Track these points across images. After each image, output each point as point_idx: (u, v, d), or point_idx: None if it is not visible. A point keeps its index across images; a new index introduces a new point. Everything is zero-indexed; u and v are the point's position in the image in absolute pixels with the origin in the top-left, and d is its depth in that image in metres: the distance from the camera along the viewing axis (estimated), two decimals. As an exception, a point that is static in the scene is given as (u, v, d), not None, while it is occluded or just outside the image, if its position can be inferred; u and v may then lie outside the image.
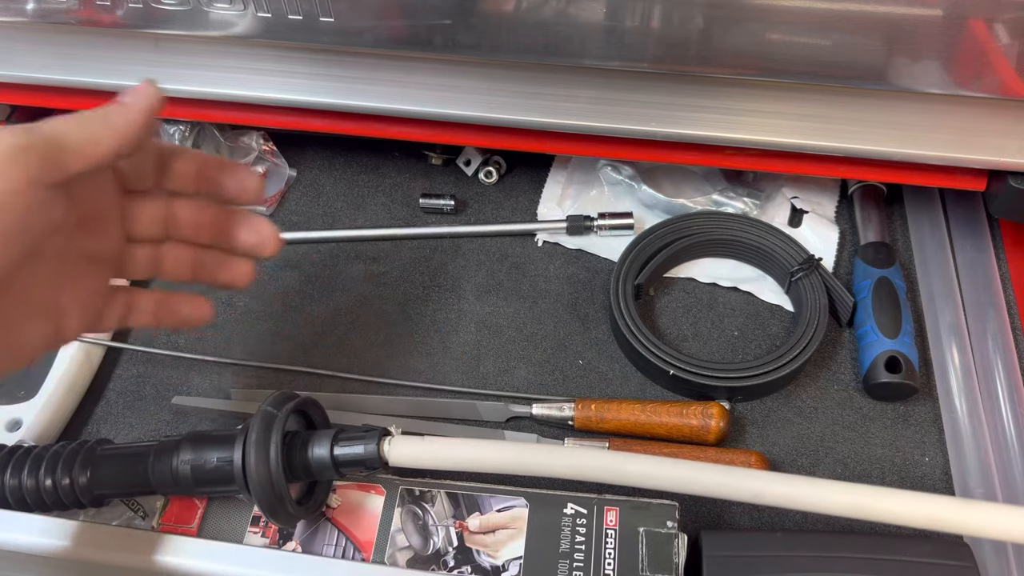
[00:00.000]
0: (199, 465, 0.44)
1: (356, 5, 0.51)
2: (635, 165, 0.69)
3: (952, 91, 0.50)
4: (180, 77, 0.61)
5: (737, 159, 0.60)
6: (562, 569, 0.47)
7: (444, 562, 0.48)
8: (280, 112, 0.63)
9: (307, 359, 0.62)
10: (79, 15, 0.55)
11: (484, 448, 0.44)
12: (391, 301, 0.65)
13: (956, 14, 0.45)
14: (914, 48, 0.47)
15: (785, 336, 0.61)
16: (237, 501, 0.50)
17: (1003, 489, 0.52)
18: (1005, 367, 0.58)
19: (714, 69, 0.51)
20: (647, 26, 0.49)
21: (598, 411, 0.55)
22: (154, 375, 0.62)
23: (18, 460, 0.46)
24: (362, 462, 0.44)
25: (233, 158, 0.70)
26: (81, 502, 0.46)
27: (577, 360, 0.61)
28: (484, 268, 0.67)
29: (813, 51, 0.49)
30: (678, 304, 0.64)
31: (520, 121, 0.58)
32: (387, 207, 0.71)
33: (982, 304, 0.61)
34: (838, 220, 0.68)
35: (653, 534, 0.47)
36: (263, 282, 0.67)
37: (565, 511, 0.49)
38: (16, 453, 0.47)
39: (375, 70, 0.57)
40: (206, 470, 0.44)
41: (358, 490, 0.51)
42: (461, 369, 0.61)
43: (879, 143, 0.55)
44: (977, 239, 0.65)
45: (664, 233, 0.64)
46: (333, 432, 0.46)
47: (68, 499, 0.45)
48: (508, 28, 0.51)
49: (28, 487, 0.45)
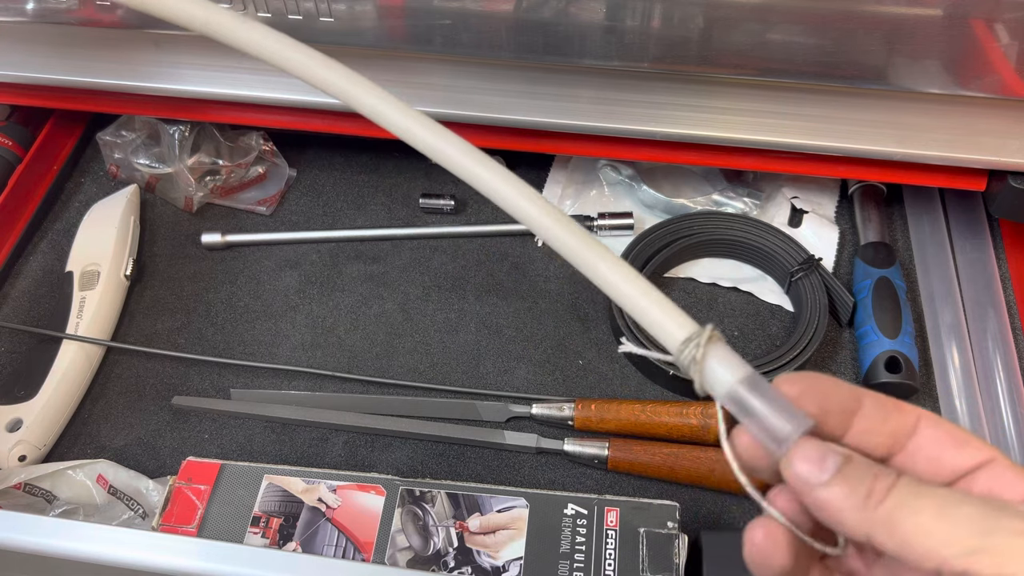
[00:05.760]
0: None
1: (356, 6, 0.51)
2: (635, 165, 0.69)
3: (952, 91, 0.50)
4: (180, 77, 0.61)
5: (737, 159, 0.60)
6: (562, 570, 0.47)
7: (444, 563, 0.48)
8: (280, 112, 0.63)
9: (307, 359, 0.62)
10: (79, 15, 0.55)
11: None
12: (391, 301, 0.65)
13: (956, 14, 0.45)
14: (914, 48, 0.47)
15: (785, 336, 0.61)
16: (237, 501, 0.50)
17: (1003, 489, 0.52)
18: (1005, 367, 0.58)
19: (714, 69, 0.52)
20: (647, 26, 0.49)
21: (598, 411, 0.55)
22: (154, 375, 0.61)
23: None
24: None
25: (233, 158, 0.70)
26: None
27: (577, 360, 0.61)
28: (484, 268, 0.67)
29: (813, 51, 0.49)
30: (678, 304, 0.64)
31: (520, 121, 0.58)
32: (387, 207, 0.71)
33: (982, 304, 0.61)
34: (838, 220, 0.68)
35: (653, 534, 0.47)
36: (263, 282, 0.67)
37: (565, 512, 0.49)
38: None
39: (375, 70, 0.57)
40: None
41: (358, 490, 0.51)
42: (461, 369, 0.61)
43: (879, 143, 0.55)
44: (977, 239, 0.65)
45: (664, 233, 0.64)
46: None
47: None
48: (508, 28, 0.51)
49: None
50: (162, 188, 0.71)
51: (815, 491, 0.25)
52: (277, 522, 0.50)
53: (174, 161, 0.68)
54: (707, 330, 0.27)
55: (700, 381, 0.27)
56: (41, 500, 0.54)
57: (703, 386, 0.27)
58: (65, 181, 0.74)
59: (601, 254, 0.29)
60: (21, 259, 0.69)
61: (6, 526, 0.44)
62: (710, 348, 0.27)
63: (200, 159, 0.69)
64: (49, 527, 0.45)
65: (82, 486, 0.54)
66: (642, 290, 0.29)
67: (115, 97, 0.65)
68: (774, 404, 0.26)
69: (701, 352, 0.27)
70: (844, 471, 0.25)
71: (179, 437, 0.58)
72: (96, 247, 0.65)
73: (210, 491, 0.51)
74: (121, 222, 0.66)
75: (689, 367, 0.27)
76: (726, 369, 0.27)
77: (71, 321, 0.60)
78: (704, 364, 0.27)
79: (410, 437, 0.57)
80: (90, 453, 0.58)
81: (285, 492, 0.51)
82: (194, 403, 0.59)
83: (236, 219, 0.71)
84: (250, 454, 0.57)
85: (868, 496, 0.24)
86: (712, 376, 0.27)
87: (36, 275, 0.68)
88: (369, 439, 0.58)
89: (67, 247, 0.66)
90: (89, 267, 0.63)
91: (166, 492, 0.51)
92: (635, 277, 0.29)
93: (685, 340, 0.27)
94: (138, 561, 0.44)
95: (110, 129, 0.70)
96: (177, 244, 0.69)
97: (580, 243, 0.29)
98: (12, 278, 0.67)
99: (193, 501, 0.50)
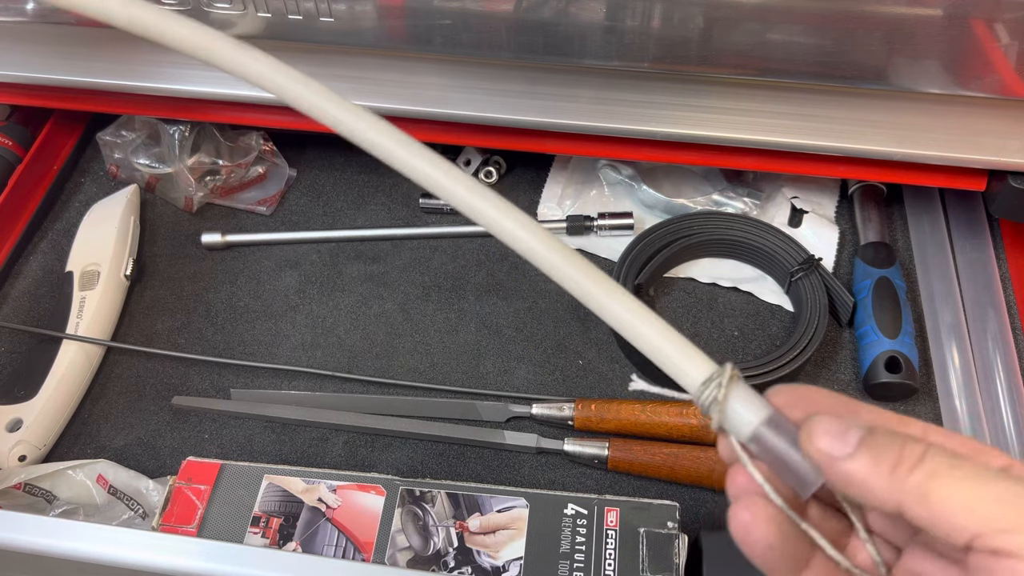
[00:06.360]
0: None
1: (356, 6, 0.51)
2: (635, 165, 0.69)
3: (952, 91, 0.50)
4: (180, 77, 0.61)
5: (737, 159, 0.60)
6: (562, 570, 0.47)
7: (444, 563, 0.48)
8: (280, 112, 0.63)
9: (307, 359, 0.62)
10: (79, 15, 0.55)
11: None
12: (391, 301, 0.65)
13: (956, 14, 0.45)
14: (914, 48, 0.47)
15: (785, 336, 0.61)
16: (237, 501, 0.50)
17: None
18: (1005, 367, 0.58)
19: (714, 69, 0.52)
20: (647, 26, 0.49)
21: (598, 411, 0.55)
22: (154, 375, 0.61)
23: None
24: None
25: (233, 158, 0.70)
26: None
27: (577, 360, 0.61)
28: (484, 268, 0.67)
29: (813, 51, 0.49)
30: (678, 304, 0.64)
31: (520, 121, 0.58)
32: (387, 207, 0.71)
33: (982, 304, 0.61)
34: (838, 220, 0.68)
35: (653, 534, 0.47)
36: (263, 282, 0.67)
37: (565, 512, 0.49)
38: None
39: (375, 70, 0.57)
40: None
41: (358, 490, 0.51)
42: (461, 369, 0.61)
43: (879, 143, 0.55)
44: (977, 239, 0.65)
45: (664, 233, 0.64)
46: None
47: None
48: (508, 28, 0.51)
49: None
50: (162, 188, 0.71)
51: (840, 464, 0.24)
52: (277, 522, 0.50)
53: (174, 161, 0.68)
54: (727, 370, 0.26)
55: (720, 422, 0.26)
56: (41, 500, 0.54)
57: (722, 426, 0.26)
58: (65, 181, 0.74)
59: (611, 290, 0.28)
60: (21, 259, 0.69)
61: (6, 526, 0.44)
62: (731, 388, 0.26)
63: (200, 159, 0.69)
64: (49, 527, 0.45)
65: (82, 486, 0.54)
66: (658, 330, 0.28)
67: (115, 97, 0.65)
68: (798, 445, 0.25)
69: (723, 393, 0.26)
70: (868, 442, 0.24)
71: (179, 437, 0.58)
72: (96, 247, 0.65)
73: (210, 491, 0.51)
74: (121, 222, 0.66)
75: (710, 408, 0.26)
76: (748, 411, 0.26)
77: (71, 321, 0.60)
78: (726, 405, 0.26)
79: (410, 437, 0.57)
80: (90, 453, 0.58)
81: (285, 492, 0.51)
82: (194, 403, 0.59)
83: (236, 219, 0.71)
84: (250, 454, 0.57)
85: (897, 465, 0.23)
86: (735, 418, 0.26)
87: (36, 275, 0.68)
88: (369, 439, 0.58)
89: (67, 247, 0.66)
90: (89, 267, 0.63)
91: (166, 492, 0.51)
92: (649, 315, 0.28)
93: (705, 381, 0.26)
94: (138, 561, 0.44)
95: (110, 129, 0.70)
96: (177, 244, 0.69)
97: (589, 280, 0.28)
98: (12, 278, 0.67)
99: (193, 501, 0.50)
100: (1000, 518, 0.22)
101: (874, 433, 0.24)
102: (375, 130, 0.30)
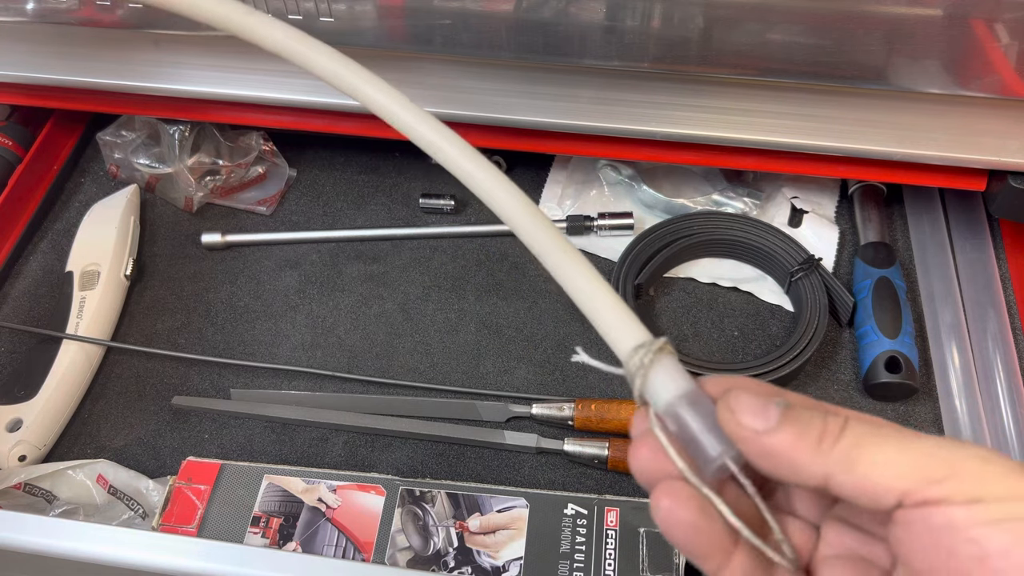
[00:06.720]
0: None
1: (356, 6, 0.51)
2: (635, 165, 0.69)
3: (952, 91, 0.50)
4: (180, 77, 0.61)
5: (737, 159, 0.60)
6: (562, 570, 0.47)
7: (444, 563, 0.48)
8: (280, 112, 0.63)
9: (307, 359, 0.62)
10: (79, 15, 0.55)
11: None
12: (391, 301, 0.65)
13: (956, 14, 0.45)
14: (914, 48, 0.47)
15: (785, 336, 0.61)
16: (237, 501, 0.50)
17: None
18: (1005, 367, 0.58)
19: (714, 69, 0.51)
20: (647, 26, 0.49)
21: (598, 411, 0.55)
22: (154, 375, 0.61)
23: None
24: None
25: (233, 158, 0.70)
26: None
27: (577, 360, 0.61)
28: (484, 268, 0.67)
29: (813, 51, 0.49)
30: (678, 304, 0.64)
31: (520, 121, 0.58)
32: (387, 207, 0.71)
33: (982, 304, 0.61)
34: (838, 220, 0.68)
35: (653, 534, 0.47)
36: (263, 282, 0.67)
37: (565, 512, 0.49)
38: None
39: (375, 70, 0.57)
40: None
41: (358, 490, 0.51)
42: (461, 369, 0.61)
43: (879, 143, 0.55)
44: (977, 239, 0.65)
45: (664, 233, 0.64)
46: None
47: None
48: (508, 28, 0.51)
49: None
50: (162, 188, 0.71)
51: (763, 439, 0.24)
52: (277, 522, 0.50)
53: (174, 161, 0.68)
54: (660, 341, 0.27)
55: (641, 388, 0.27)
56: (41, 500, 0.54)
57: (642, 394, 0.27)
58: (65, 181, 0.74)
59: (563, 246, 0.29)
60: (21, 259, 0.69)
61: (6, 526, 0.44)
62: (659, 358, 0.26)
63: (200, 159, 0.69)
64: (49, 527, 0.45)
65: (82, 486, 0.54)
66: (602, 290, 0.28)
67: (115, 97, 0.65)
68: (712, 425, 0.25)
69: (650, 359, 0.26)
70: (790, 416, 0.24)
71: (179, 437, 0.58)
72: (96, 247, 0.65)
73: (210, 491, 0.51)
74: (121, 222, 0.66)
75: (635, 374, 0.27)
76: (671, 381, 0.26)
77: (71, 321, 0.60)
78: (650, 372, 0.26)
79: (410, 437, 0.57)
80: (90, 453, 0.58)
81: (285, 492, 0.51)
82: (194, 403, 0.59)
83: (236, 219, 0.71)
84: (250, 454, 0.57)
85: (821, 437, 0.24)
86: (657, 386, 0.26)
87: (36, 275, 0.68)
88: (369, 439, 0.58)
89: (67, 247, 0.66)
90: (89, 267, 0.63)
91: (166, 492, 0.51)
92: (597, 277, 0.29)
93: (636, 347, 0.27)
94: (138, 561, 0.44)
95: (110, 129, 0.70)
96: (177, 244, 0.69)
97: (539, 230, 0.29)
98: (12, 278, 0.67)
99: (193, 501, 0.50)
100: (928, 470, 0.22)
101: (794, 407, 0.24)
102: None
